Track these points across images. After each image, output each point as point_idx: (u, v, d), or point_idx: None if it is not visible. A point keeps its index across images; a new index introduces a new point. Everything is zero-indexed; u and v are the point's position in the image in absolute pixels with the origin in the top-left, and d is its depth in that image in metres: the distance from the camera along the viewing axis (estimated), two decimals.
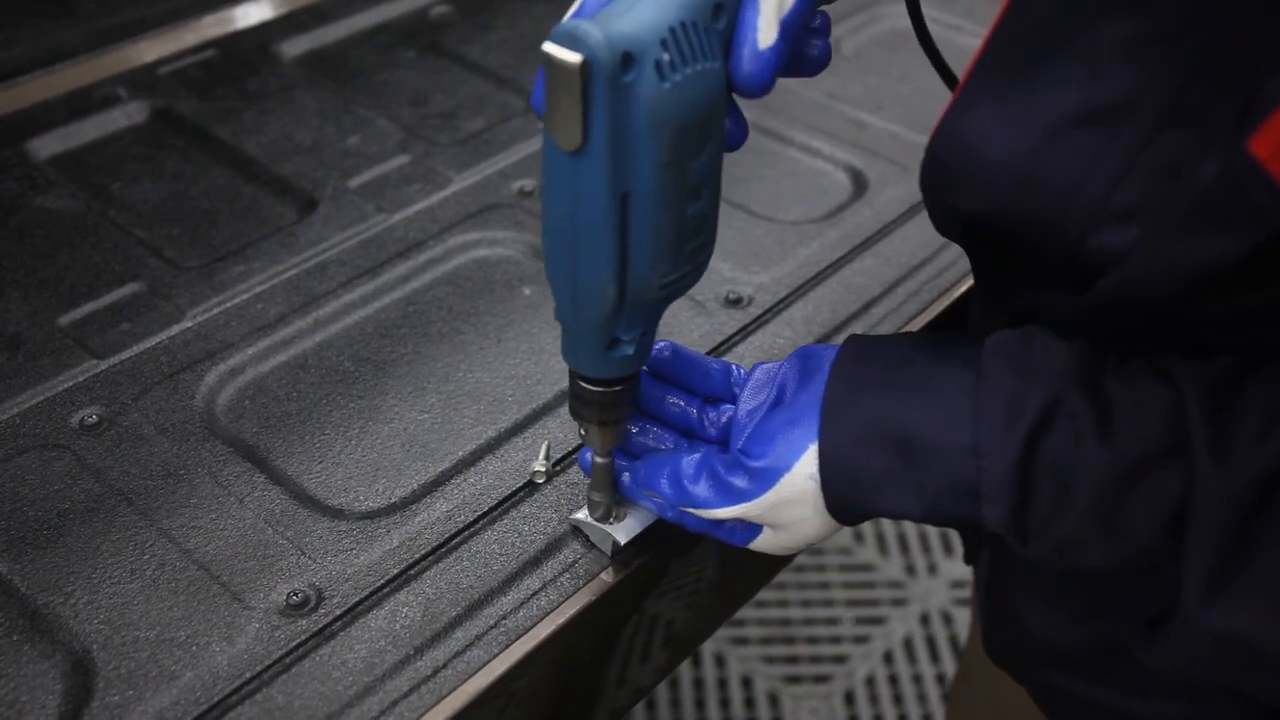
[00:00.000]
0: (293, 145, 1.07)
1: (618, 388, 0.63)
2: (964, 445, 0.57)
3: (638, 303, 0.57)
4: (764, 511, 0.63)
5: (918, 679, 1.80)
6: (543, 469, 0.76)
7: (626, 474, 0.70)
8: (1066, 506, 0.55)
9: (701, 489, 0.64)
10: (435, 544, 0.72)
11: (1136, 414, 0.54)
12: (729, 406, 0.70)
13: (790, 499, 0.62)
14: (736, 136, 0.59)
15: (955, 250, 0.95)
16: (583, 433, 0.66)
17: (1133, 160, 0.52)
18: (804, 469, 0.61)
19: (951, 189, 0.60)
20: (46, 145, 1.07)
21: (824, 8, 0.61)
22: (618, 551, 0.71)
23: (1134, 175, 0.52)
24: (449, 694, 0.64)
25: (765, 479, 0.62)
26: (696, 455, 0.65)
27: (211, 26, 1.23)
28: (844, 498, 0.61)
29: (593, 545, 0.72)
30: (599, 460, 0.68)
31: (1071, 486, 0.55)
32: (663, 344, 0.70)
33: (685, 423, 0.70)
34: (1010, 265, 0.62)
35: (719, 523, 0.66)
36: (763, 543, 0.66)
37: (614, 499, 0.70)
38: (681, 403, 0.71)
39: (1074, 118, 0.54)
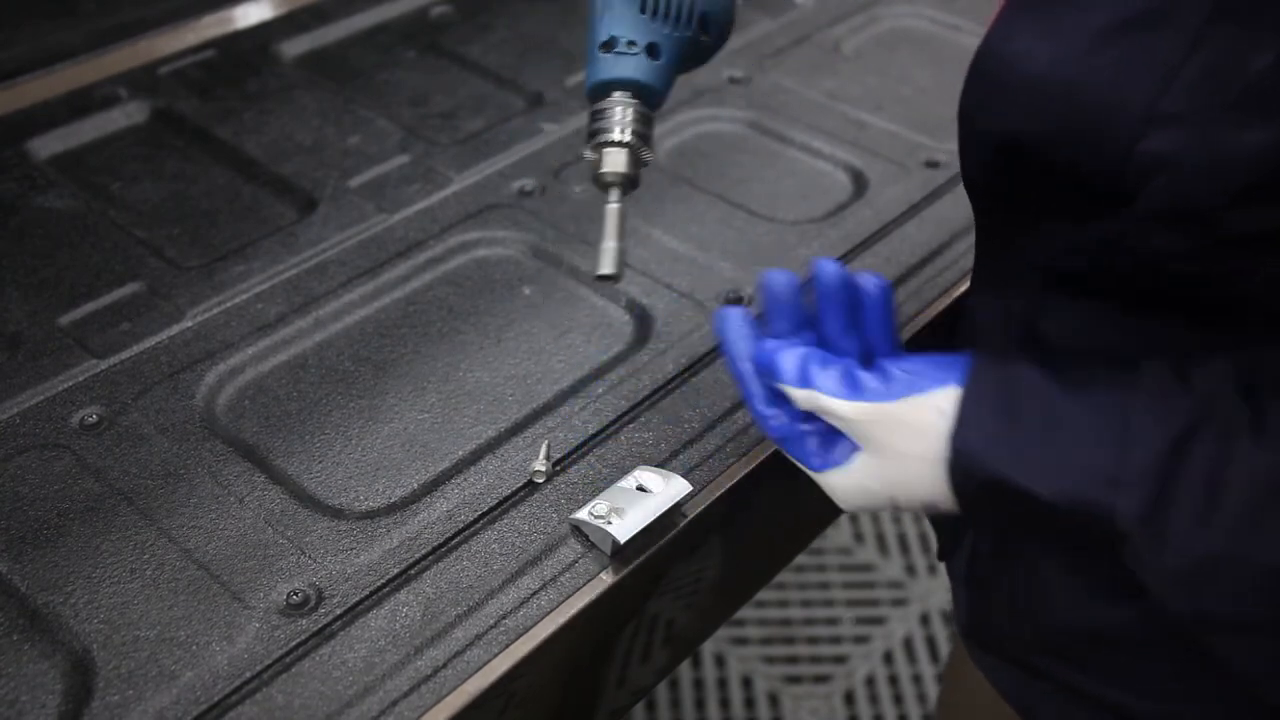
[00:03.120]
0: (293, 145, 1.07)
1: (620, 93, 0.68)
2: (1111, 431, 0.55)
3: None
4: (878, 422, 0.60)
5: (918, 679, 1.80)
6: (543, 469, 0.76)
7: (744, 348, 0.66)
8: (1215, 508, 0.52)
9: (827, 377, 0.61)
10: (435, 544, 0.72)
11: None
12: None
13: (912, 423, 0.59)
14: None
15: (955, 250, 0.95)
16: (596, 169, 0.68)
17: (1178, 64, 0.52)
18: (937, 401, 0.58)
19: (994, 110, 0.60)
20: (46, 145, 1.07)
21: None
22: (618, 551, 0.71)
23: (1180, 78, 0.52)
24: (449, 694, 0.64)
25: (899, 387, 0.59)
26: (833, 357, 0.63)
27: (211, 26, 1.23)
28: (971, 453, 0.58)
29: (593, 545, 0.72)
30: (612, 205, 0.68)
31: (1222, 486, 0.52)
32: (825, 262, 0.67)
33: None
34: (1042, 198, 0.62)
35: (809, 432, 0.63)
36: (848, 472, 0.62)
37: (625, 246, 0.69)
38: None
39: (1116, 26, 0.54)
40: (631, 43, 0.68)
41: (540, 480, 0.76)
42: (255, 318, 0.88)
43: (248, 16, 1.25)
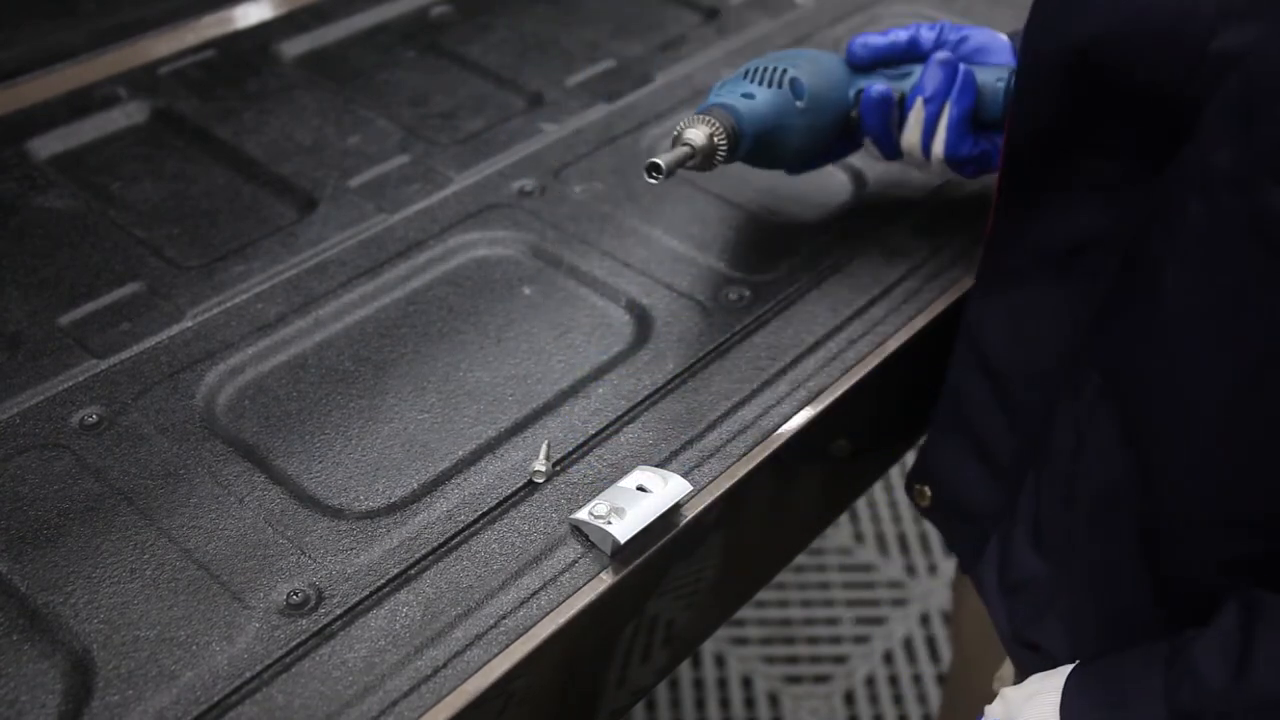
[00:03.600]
0: (293, 145, 1.07)
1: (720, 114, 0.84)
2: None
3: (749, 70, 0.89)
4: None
5: (918, 679, 1.80)
6: (543, 469, 0.76)
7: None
8: None
9: None
10: (435, 544, 0.72)
11: None
12: None
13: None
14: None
15: (955, 250, 0.95)
16: (678, 137, 0.82)
17: None
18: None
19: (1066, 20, 0.62)
20: (46, 145, 1.06)
21: None
22: (617, 551, 0.71)
23: None
24: (449, 694, 0.64)
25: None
26: None
27: (211, 26, 1.23)
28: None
29: (593, 545, 0.72)
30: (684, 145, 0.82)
31: None
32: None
33: None
34: (1095, 138, 0.63)
35: None
36: None
37: (674, 169, 0.80)
38: None
39: None
40: (732, 92, 0.86)
41: (540, 480, 0.76)
42: (255, 318, 0.88)
43: (248, 16, 1.25)
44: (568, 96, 1.14)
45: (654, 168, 0.80)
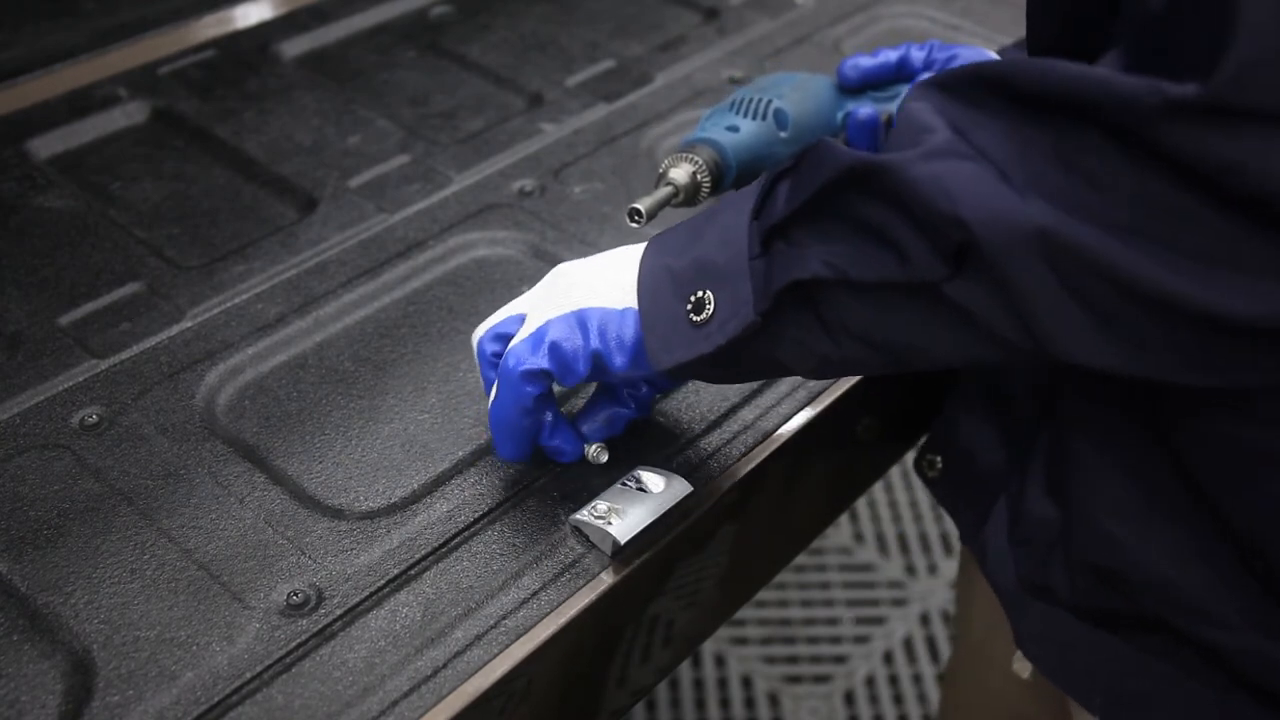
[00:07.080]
0: (293, 145, 1.07)
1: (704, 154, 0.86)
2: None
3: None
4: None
5: (918, 679, 1.80)
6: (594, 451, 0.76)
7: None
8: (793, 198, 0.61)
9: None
10: (435, 544, 0.72)
11: None
12: None
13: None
14: None
15: None
16: (663, 175, 0.84)
17: None
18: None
19: None
20: (46, 145, 1.07)
21: None
22: (618, 551, 0.71)
23: None
24: (449, 694, 0.64)
25: None
26: None
27: (211, 26, 1.23)
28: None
29: (593, 545, 0.72)
30: (667, 186, 0.83)
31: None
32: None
33: None
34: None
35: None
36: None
37: (657, 212, 0.81)
38: None
39: None
40: (716, 126, 0.87)
41: (602, 460, 0.76)
42: (255, 318, 0.88)
43: (248, 16, 1.25)
44: (567, 96, 1.14)
45: (635, 213, 0.80)
